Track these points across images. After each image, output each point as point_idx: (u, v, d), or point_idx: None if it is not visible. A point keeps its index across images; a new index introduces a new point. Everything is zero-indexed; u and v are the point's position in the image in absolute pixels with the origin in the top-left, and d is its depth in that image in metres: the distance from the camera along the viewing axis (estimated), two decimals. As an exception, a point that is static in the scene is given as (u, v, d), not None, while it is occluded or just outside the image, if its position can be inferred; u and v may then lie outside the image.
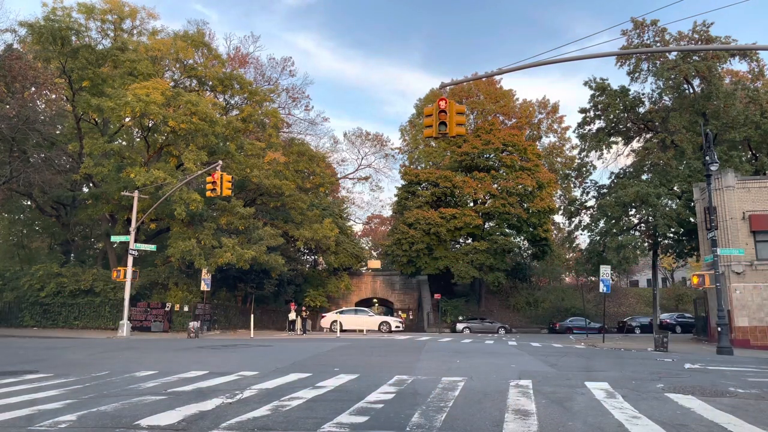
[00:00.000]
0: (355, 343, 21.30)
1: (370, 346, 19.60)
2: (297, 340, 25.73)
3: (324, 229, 40.12)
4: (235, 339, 27.52)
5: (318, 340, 25.46)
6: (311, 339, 26.97)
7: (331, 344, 20.29)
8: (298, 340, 25.64)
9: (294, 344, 21.21)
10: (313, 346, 19.87)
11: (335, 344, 20.30)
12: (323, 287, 50.05)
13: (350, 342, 22.53)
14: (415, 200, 50.13)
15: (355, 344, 20.82)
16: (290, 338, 28.65)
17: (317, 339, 27.05)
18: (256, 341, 24.37)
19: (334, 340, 25.23)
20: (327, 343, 21.50)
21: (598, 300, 56.67)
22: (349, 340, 24.65)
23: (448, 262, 48.50)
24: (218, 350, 17.77)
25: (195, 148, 30.03)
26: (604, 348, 26.29)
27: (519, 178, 48.44)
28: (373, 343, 21.76)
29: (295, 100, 58.26)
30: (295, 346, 19.54)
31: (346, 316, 38.91)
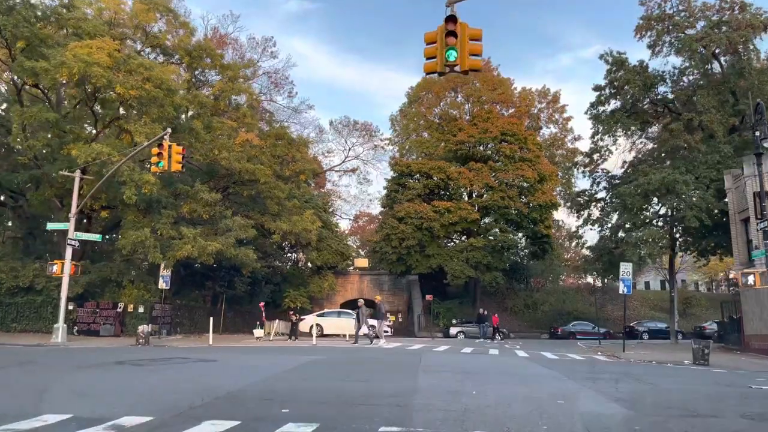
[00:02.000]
0: (331, 356, 16.55)
1: (350, 361, 14.87)
2: (260, 351, 20.87)
3: (304, 222, 35.27)
4: (189, 347, 22.64)
5: (287, 350, 20.63)
6: (279, 348, 22.11)
7: (299, 357, 15.52)
8: (261, 351, 20.78)
9: (250, 357, 16.33)
10: (275, 360, 15.07)
11: (305, 357, 15.51)
12: (305, 287, 45.11)
13: (326, 354, 17.73)
14: (405, 193, 45.41)
15: (331, 358, 16.06)
16: (257, 345, 23.81)
17: (287, 348, 22.20)
18: (208, 351, 19.50)
19: (308, 350, 20.45)
20: (295, 355, 16.73)
21: (601, 302, 52.23)
22: (325, 351, 19.84)
23: (441, 260, 43.81)
24: (143, 367, 12.90)
25: (149, 120, 25.12)
26: (631, 361, 21.70)
27: (519, 169, 43.91)
28: (355, 356, 17.01)
29: (278, 85, 53.43)
30: (248, 362, 14.69)
31: (328, 319, 34.11)
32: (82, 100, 26.67)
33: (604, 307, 50.15)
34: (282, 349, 20.59)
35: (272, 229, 34.87)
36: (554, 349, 28.88)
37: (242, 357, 16.08)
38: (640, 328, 45.45)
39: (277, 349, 20.58)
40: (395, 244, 43.34)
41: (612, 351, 26.99)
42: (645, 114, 32.07)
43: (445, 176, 44.49)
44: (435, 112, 54.17)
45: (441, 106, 53.59)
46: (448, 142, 46.42)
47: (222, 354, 17.34)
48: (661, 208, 32.01)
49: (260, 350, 20.40)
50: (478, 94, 50.38)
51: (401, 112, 56.32)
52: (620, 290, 26.61)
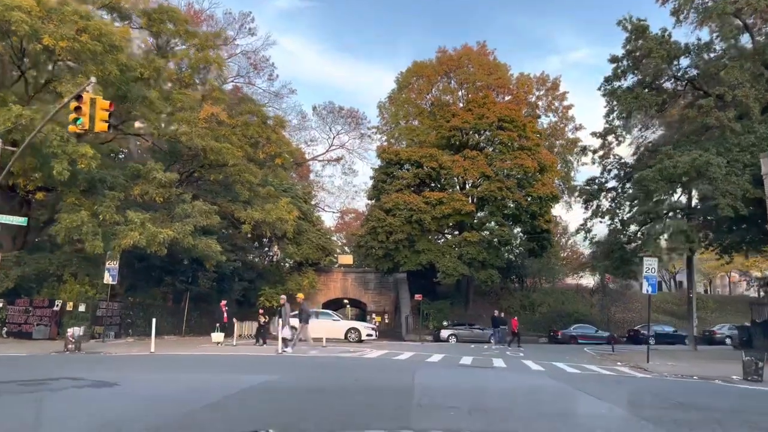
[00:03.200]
0: (290, 376, 12.10)
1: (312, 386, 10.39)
2: (202, 363, 16.39)
3: (279, 210, 30.79)
4: (124, 356, 18.13)
5: (238, 363, 16.15)
6: (232, 358, 17.58)
7: (244, 378, 11.04)
8: (204, 363, 16.29)
9: (175, 377, 11.77)
10: (208, 382, 10.61)
11: (253, 378, 10.91)
12: (282, 284, 40.59)
13: (285, 371, 13.23)
14: (394, 183, 41.08)
15: (288, 379, 11.60)
16: (211, 353, 19.31)
17: (242, 358, 17.69)
18: (136, 364, 15.02)
19: (266, 362, 16.01)
20: (242, 373, 12.28)
21: (602, 304, 48.28)
22: (287, 364, 15.38)
23: (432, 256, 39.53)
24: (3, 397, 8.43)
25: (85, 80, 20.52)
26: (666, 375, 17.54)
27: (518, 158, 39.76)
28: (326, 374, 12.62)
29: (257, 67, 48.86)
30: (164, 386, 10.13)
31: None
32: (9, 57, 21.99)
33: (605, 309, 46.20)
34: (232, 362, 16.10)
35: (242, 218, 30.36)
36: (562, 356, 24.73)
37: (164, 376, 11.53)
38: (646, 332, 41.39)
39: (227, 361, 16.07)
40: (382, 239, 38.99)
41: (632, 360, 22.85)
42: (664, 92, 27.99)
43: (437, 165, 40.22)
44: (426, 99, 49.95)
45: (433, 92, 49.39)
46: (440, 128, 42.17)
47: (145, 369, 12.93)
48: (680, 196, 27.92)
49: (204, 362, 15.90)
50: (473, 79, 46.20)
51: (390, 98, 51.98)
52: (644, 289, 22.47)
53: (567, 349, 32.75)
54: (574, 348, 33.68)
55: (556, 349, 32.90)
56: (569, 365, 19.36)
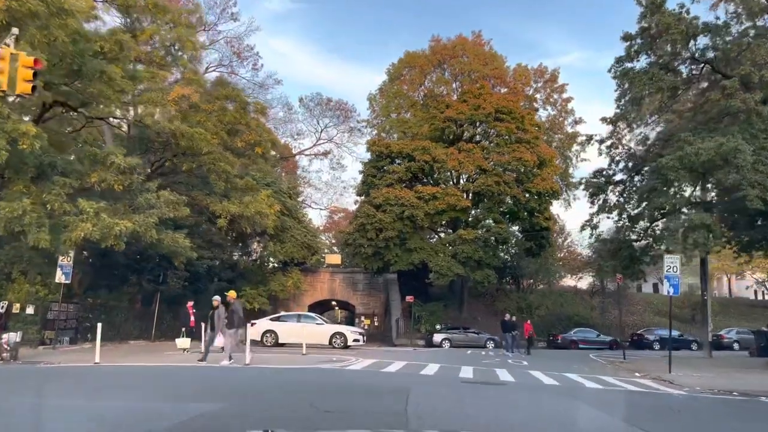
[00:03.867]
0: (247, 401, 9.26)
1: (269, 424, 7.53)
2: (139, 378, 13.50)
3: (258, 204, 27.89)
4: (65, 366, 15.21)
5: (190, 377, 13.25)
6: (178, 371, 14.65)
7: (182, 407, 8.17)
8: (139, 378, 13.39)
9: (90, 406, 8.80)
10: (127, 413, 7.72)
11: (190, 409, 8.00)
12: (264, 285, 37.71)
13: (241, 395, 10.37)
14: (385, 178, 38.28)
15: (243, 405, 8.78)
16: (167, 363, 16.39)
17: (199, 371, 14.78)
18: (57, 377, 12.11)
19: (225, 378, 13.14)
20: (180, 402, 9.42)
21: (603, 307, 45.76)
22: (244, 383, 12.46)
23: (425, 255, 36.77)
24: None
25: (27, 46, 17.58)
26: (698, 390, 14.87)
27: (516, 151, 37.09)
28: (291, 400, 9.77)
29: (241, 56, 45.93)
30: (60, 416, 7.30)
31: (285, 324, 26.79)
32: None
33: (606, 312, 43.69)
34: (180, 378, 13.15)
35: (218, 211, 27.44)
36: (569, 365, 22.06)
37: (72, 403, 8.50)
38: (650, 336, 38.97)
39: (174, 377, 13.10)
40: (371, 236, 36.16)
41: (650, 370, 20.20)
42: (679, 76, 25.39)
43: (430, 158, 37.48)
44: (419, 91, 47.24)
45: (426, 84, 46.68)
46: (434, 120, 39.42)
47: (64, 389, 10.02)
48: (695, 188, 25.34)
49: (147, 378, 12.95)
50: (468, 69, 43.53)
51: (381, 90, 49.18)
52: (665, 290, 19.82)
53: (570, 355, 30.12)
54: (577, 354, 31.05)
55: (558, 355, 30.27)
56: (584, 377, 16.67)
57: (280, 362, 16.94)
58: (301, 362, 17.27)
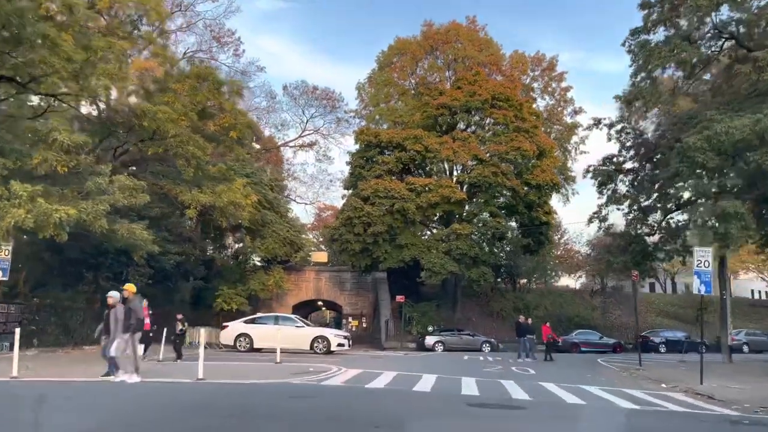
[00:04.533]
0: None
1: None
2: (57, 399, 10.45)
3: (232, 193, 24.89)
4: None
5: (110, 401, 10.19)
6: (112, 389, 11.56)
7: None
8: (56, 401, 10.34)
9: None
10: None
11: None
12: (243, 284, 34.68)
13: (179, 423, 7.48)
14: (373, 169, 35.38)
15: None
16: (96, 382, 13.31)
17: (130, 391, 11.67)
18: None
19: (160, 401, 10.13)
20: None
21: (605, 307, 43.13)
22: (194, 400, 9.49)
23: (416, 251, 33.89)
24: None
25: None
26: (747, 406, 12.10)
27: (514, 140, 34.33)
28: None
29: (221, 42, 42.86)
30: None
31: (261, 327, 23.78)
32: None
33: (608, 313, 41.08)
34: (95, 401, 10.12)
35: (187, 201, 24.40)
36: (581, 374, 19.33)
37: None
38: (656, 339, 36.40)
39: (89, 400, 10.05)
40: (359, 231, 33.23)
41: (674, 380, 17.43)
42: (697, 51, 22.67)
43: (422, 148, 34.62)
44: (410, 79, 44.42)
45: (418, 72, 43.83)
46: (426, 107, 36.56)
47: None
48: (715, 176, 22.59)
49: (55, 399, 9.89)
50: (462, 55, 40.72)
51: (370, 79, 46.26)
52: (695, 289, 17.06)
53: (574, 360, 27.33)
54: (581, 360, 28.26)
55: (561, 360, 27.42)
56: (606, 391, 13.86)
57: (241, 375, 13.93)
58: (270, 374, 14.29)
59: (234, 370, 15.37)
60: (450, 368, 19.09)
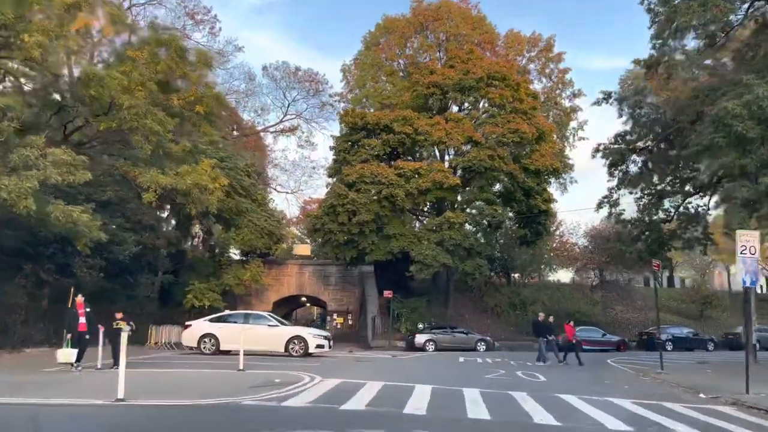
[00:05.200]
0: None
1: None
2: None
3: (197, 175, 21.73)
4: None
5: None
6: (25, 408, 8.52)
7: None
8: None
9: None
10: None
11: None
12: (217, 278, 31.51)
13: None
14: (359, 153, 32.32)
15: None
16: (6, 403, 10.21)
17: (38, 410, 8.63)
18: None
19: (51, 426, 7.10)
20: None
21: (606, 302, 40.47)
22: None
23: (405, 242, 30.92)
24: None
25: None
26: None
27: (511, 122, 31.44)
28: None
29: (195, 19, 39.53)
30: None
31: (229, 326, 20.61)
32: None
33: (609, 308, 38.43)
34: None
35: (144, 183, 21.20)
36: (597, 378, 16.56)
37: None
38: (662, 336, 33.55)
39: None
40: (343, 220, 30.17)
41: (714, 388, 14.62)
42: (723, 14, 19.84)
43: (412, 130, 31.62)
44: (399, 60, 41.34)
45: (407, 52, 40.75)
46: (416, 86, 33.52)
47: None
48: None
49: None
50: (455, 32, 37.71)
51: (356, 61, 43.12)
52: (742, 280, 14.14)
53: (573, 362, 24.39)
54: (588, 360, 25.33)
55: (566, 360, 24.58)
56: (645, 406, 10.98)
57: (182, 391, 10.83)
58: (222, 388, 11.21)
59: (177, 383, 12.30)
60: (446, 375, 16.15)
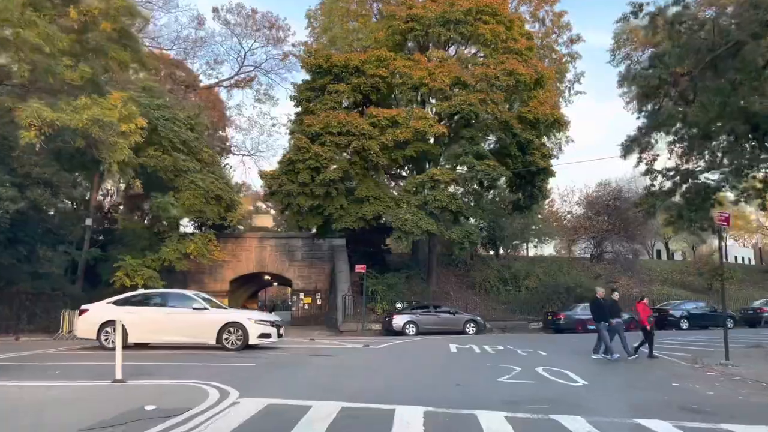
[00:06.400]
0: None
1: None
2: None
3: (99, 109, 15.86)
4: None
5: None
6: None
7: None
8: None
9: None
10: None
11: None
12: (154, 252, 25.72)
13: None
14: (324, 100, 26.60)
15: None
16: None
17: None
18: None
19: None
20: None
21: (608, 275, 35.83)
22: None
23: (381, 207, 25.47)
24: None
25: None
26: None
27: (505, 63, 26.01)
28: None
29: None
30: None
31: (140, 310, 14.93)
32: None
33: (613, 281, 33.70)
34: None
35: (24, 119, 15.27)
36: (653, 377, 11.57)
37: None
38: (676, 312, 29.05)
39: None
40: (305, 179, 24.53)
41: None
42: None
43: (388, 73, 26.00)
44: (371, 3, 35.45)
45: (381, -6, 34.84)
46: (392, 20, 27.74)
47: None
48: None
49: None
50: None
51: (322, 5, 37.03)
52: None
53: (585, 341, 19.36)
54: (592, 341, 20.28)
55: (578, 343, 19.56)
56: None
57: None
58: (52, 427, 5.77)
59: None
60: (440, 377, 10.87)
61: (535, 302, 30.67)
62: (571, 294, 30.51)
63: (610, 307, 14.67)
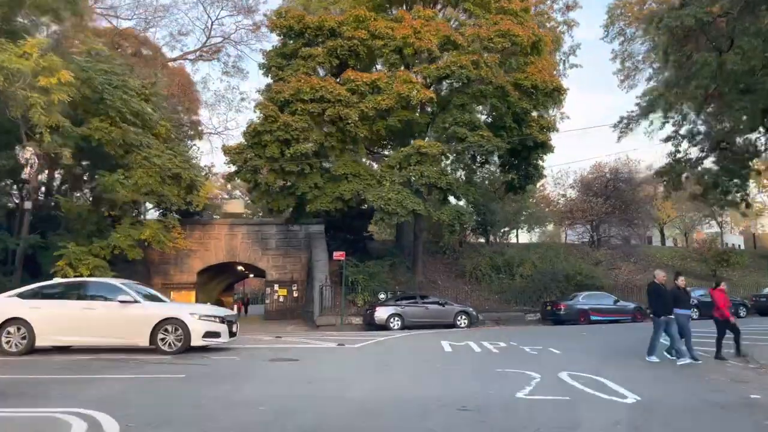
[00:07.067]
0: None
1: None
2: None
3: (7, 54, 12.47)
4: None
5: None
6: None
7: None
8: None
9: None
10: None
11: None
12: (102, 238, 22.32)
13: None
14: (296, 65, 23.31)
15: None
16: None
17: None
18: None
19: None
20: None
21: (609, 261, 33.13)
22: None
23: (361, 185, 22.29)
24: None
25: None
26: None
27: (499, 24, 22.93)
28: None
29: None
30: None
31: (52, 305, 11.65)
32: None
33: (613, 268, 30.99)
34: None
35: None
36: (719, 396, 8.57)
37: None
38: (688, 300, 26.24)
39: None
40: (273, 153, 21.25)
41: None
42: None
43: (368, 35, 22.75)
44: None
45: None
46: (372, -23, 24.54)
47: None
48: None
49: None
50: None
51: (298, -30, 33.55)
52: None
53: (620, 341, 16.48)
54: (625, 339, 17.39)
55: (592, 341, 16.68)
56: None
57: None
58: None
59: None
60: (436, 395, 7.77)
61: (531, 291, 27.79)
62: (571, 282, 27.69)
63: (674, 295, 11.07)
